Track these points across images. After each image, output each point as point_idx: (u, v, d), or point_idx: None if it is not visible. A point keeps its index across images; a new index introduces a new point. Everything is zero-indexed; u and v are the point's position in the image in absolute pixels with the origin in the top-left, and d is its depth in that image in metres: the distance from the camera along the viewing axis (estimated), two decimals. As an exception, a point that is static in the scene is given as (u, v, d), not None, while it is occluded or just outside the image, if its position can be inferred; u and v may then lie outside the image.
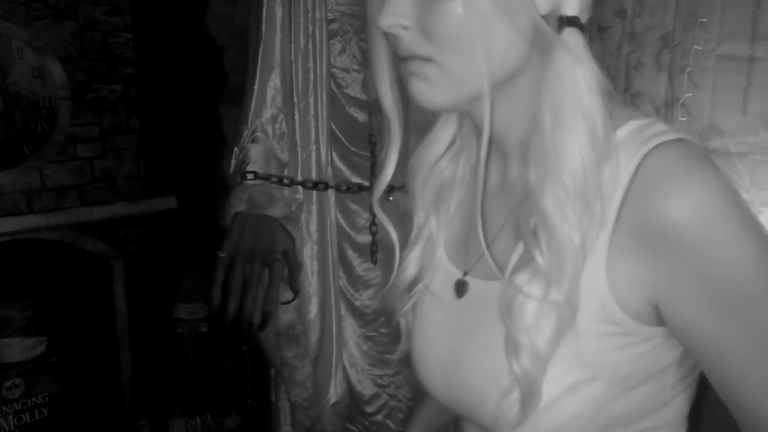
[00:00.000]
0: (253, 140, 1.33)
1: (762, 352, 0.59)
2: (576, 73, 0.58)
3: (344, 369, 1.51)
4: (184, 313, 2.71)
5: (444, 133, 0.75)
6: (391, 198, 1.45)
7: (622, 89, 2.28)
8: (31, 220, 2.40)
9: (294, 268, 1.23)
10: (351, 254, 1.49)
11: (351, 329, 1.52)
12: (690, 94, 2.12)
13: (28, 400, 2.43)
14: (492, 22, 0.57)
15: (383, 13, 0.59)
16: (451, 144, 0.75)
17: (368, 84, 1.46)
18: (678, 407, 0.68)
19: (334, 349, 1.49)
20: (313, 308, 1.45)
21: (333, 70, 1.43)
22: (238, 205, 1.25)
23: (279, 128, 1.37)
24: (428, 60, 0.60)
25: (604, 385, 0.61)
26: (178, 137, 2.94)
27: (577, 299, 0.59)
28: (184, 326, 2.73)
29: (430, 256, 0.74)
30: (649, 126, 0.59)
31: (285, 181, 1.33)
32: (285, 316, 1.40)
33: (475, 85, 0.59)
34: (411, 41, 0.60)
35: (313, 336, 1.46)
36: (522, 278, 0.62)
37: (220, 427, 2.54)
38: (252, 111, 1.35)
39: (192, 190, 2.71)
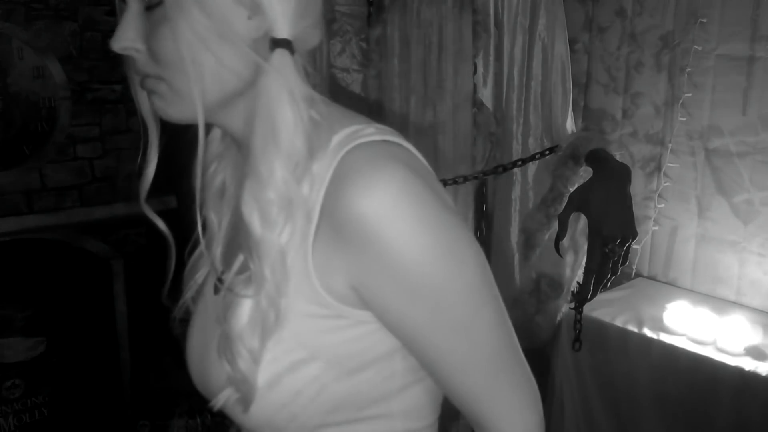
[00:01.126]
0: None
1: (452, 337, 0.64)
2: (281, 90, 0.62)
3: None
4: (185, 314, 2.70)
5: (211, 139, 0.80)
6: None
7: (622, 89, 2.28)
8: (31, 220, 2.40)
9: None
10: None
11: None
12: (690, 94, 2.12)
13: (28, 400, 2.43)
14: (205, 45, 0.61)
15: (115, 37, 0.63)
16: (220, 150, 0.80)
17: (368, 84, 1.46)
18: (413, 396, 0.71)
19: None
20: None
21: (333, 70, 1.43)
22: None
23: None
24: (159, 78, 0.64)
25: (322, 365, 0.65)
26: (178, 137, 2.94)
27: (280, 302, 0.63)
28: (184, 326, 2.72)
29: (210, 253, 0.79)
30: (360, 130, 0.64)
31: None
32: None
33: (203, 101, 0.63)
34: (142, 62, 0.64)
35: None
36: (240, 281, 0.67)
37: (220, 427, 2.54)
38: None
39: (192, 190, 2.71)
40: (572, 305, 1.37)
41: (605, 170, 1.27)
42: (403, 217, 0.59)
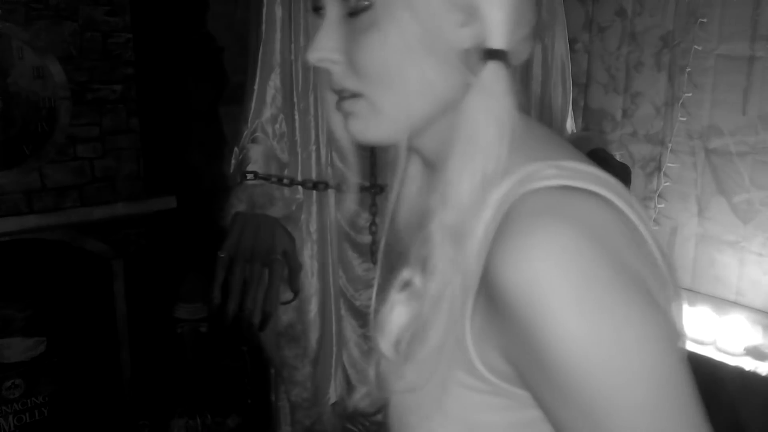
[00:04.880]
0: (253, 140, 1.33)
1: None
2: (486, 107, 0.55)
3: (344, 369, 1.51)
4: (184, 313, 2.70)
5: (414, 169, 0.72)
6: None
7: (622, 89, 2.28)
8: (31, 220, 2.40)
9: (294, 268, 1.23)
10: (351, 254, 1.49)
11: (351, 329, 1.52)
12: (690, 94, 2.12)
13: (28, 400, 2.43)
14: (414, 56, 0.55)
15: (311, 47, 0.59)
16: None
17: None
18: None
19: (334, 349, 1.49)
20: (313, 308, 1.46)
21: (333, 70, 1.43)
22: (238, 205, 1.25)
23: (279, 128, 1.37)
24: (358, 95, 0.59)
25: None
26: (178, 137, 2.94)
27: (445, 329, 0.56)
28: (184, 326, 2.73)
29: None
30: (543, 169, 0.53)
31: (285, 181, 1.33)
32: (285, 316, 1.41)
33: (406, 119, 0.58)
34: (340, 75, 0.59)
35: (313, 336, 1.46)
36: (401, 296, 0.65)
37: (220, 427, 2.54)
38: (252, 111, 1.35)
39: (192, 190, 2.71)
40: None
41: (605, 170, 1.27)
42: (562, 296, 0.48)
